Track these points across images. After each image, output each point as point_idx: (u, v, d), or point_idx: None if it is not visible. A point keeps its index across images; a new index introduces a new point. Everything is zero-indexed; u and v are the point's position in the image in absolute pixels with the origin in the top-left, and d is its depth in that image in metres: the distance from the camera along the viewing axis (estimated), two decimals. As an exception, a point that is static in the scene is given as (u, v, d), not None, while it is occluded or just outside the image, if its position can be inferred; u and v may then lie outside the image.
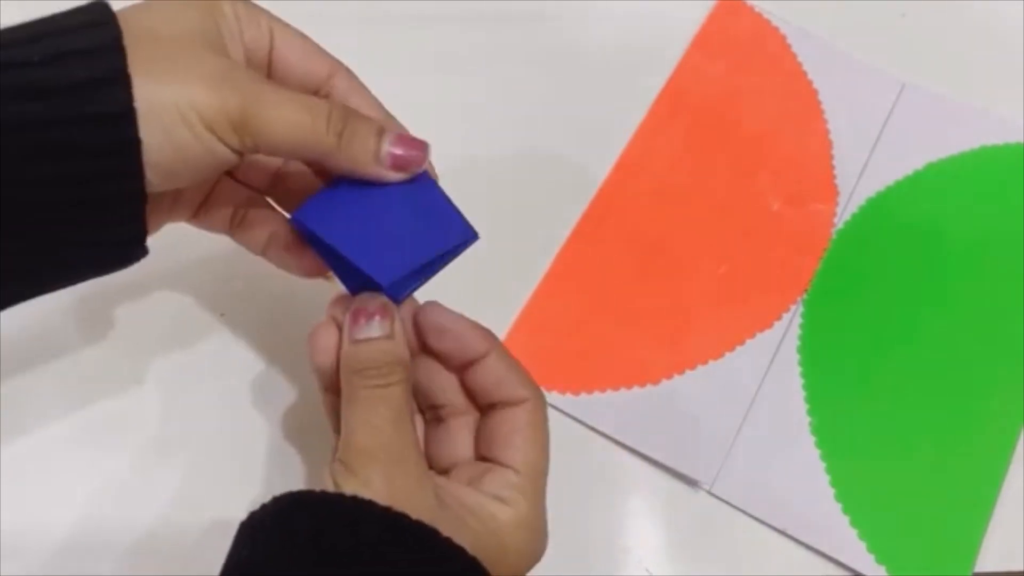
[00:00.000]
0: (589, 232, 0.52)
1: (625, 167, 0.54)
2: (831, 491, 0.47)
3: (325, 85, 0.38)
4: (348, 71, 0.38)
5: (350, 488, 0.33)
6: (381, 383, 0.35)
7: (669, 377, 0.49)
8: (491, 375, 0.37)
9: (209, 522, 0.44)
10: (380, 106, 0.39)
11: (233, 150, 0.33)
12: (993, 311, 0.51)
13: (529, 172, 0.54)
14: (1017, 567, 0.47)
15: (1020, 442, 0.49)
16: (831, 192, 0.54)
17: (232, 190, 0.40)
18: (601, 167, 0.54)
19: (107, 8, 0.33)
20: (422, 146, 0.37)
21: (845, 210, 0.54)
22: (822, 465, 0.48)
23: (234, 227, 0.40)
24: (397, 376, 0.35)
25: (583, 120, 0.55)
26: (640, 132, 0.55)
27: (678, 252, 0.52)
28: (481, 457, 0.37)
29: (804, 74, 0.57)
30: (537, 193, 0.53)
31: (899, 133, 0.56)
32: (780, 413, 0.49)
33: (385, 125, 0.37)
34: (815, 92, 0.57)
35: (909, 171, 0.55)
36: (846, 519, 0.47)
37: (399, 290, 0.37)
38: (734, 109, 0.56)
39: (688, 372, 0.49)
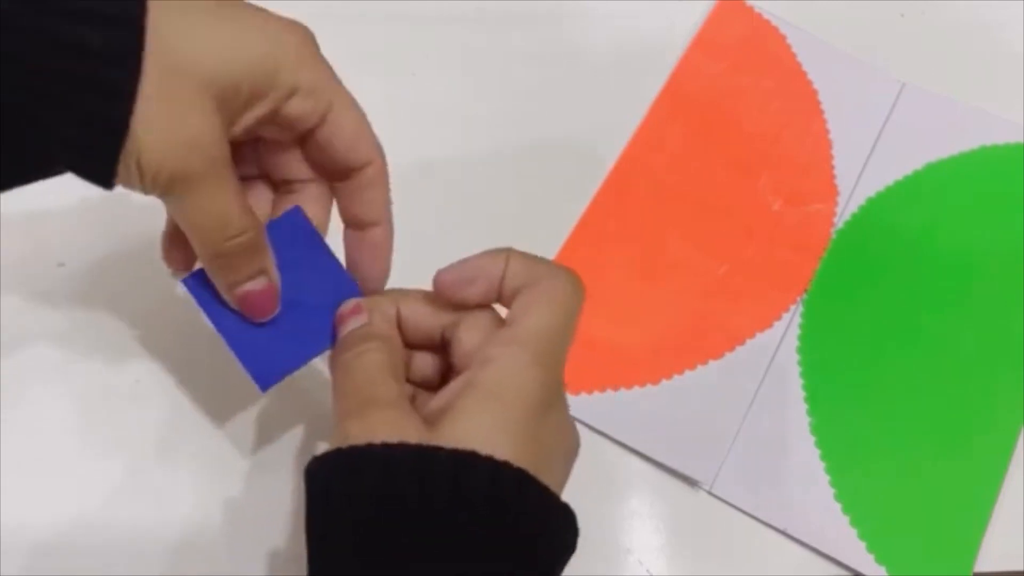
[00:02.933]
0: (589, 232, 0.52)
1: (625, 167, 0.54)
2: (831, 491, 0.47)
3: (357, 172, 0.38)
4: (383, 166, 0.38)
5: (354, 428, 0.33)
6: (351, 352, 0.35)
7: (669, 377, 0.49)
8: (515, 269, 0.36)
9: (207, 521, 0.44)
10: (387, 210, 0.39)
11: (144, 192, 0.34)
12: (993, 311, 0.51)
13: (529, 172, 0.54)
14: (1017, 567, 0.47)
15: (1020, 442, 0.49)
16: (831, 192, 0.54)
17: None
18: (601, 167, 0.54)
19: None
20: (270, 308, 0.37)
21: (845, 210, 0.54)
22: (822, 465, 0.48)
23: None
24: (370, 345, 0.36)
25: (583, 120, 0.55)
26: (640, 132, 0.55)
27: (678, 252, 0.52)
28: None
29: (804, 74, 0.57)
30: (537, 193, 0.53)
31: (899, 133, 0.56)
32: (780, 413, 0.49)
33: (375, 230, 0.38)
34: (815, 92, 0.57)
35: (909, 171, 0.55)
36: (846, 519, 0.47)
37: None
38: (734, 109, 0.56)
39: (688, 372, 0.49)
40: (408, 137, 0.54)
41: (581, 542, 0.38)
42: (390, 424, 0.32)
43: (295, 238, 0.38)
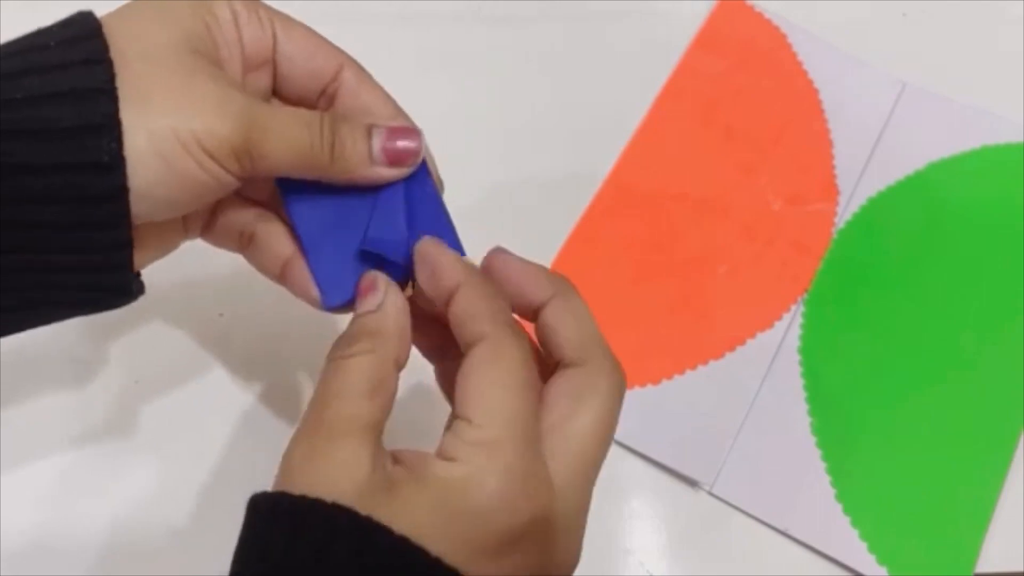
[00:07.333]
0: (589, 232, 0.52)
1: (625, 167, 0.54)
2: (832, 491, 0.47)
3: (333, 82, 0.36)
4: (357, 65, 0.37)
5: (299, 450, 0.31)
6: (338, 355, 0.32)
7: (669, 377, 0.49)
8: (457, 312, 0.32)
9: (204, 522, 0.44)
10: (391, 100, 0.37)
11: (235, 176, 0.33)
12: (994, 311, 0.51)
13: (529, 171, 0.54)
14: (1018, 568, 0.46)
15: (1021, 442, 0.49)
16: (832, 192, 0.54)
17: (238, 206, 0.37)
18: (601, 166, 0.54)
19: (100, 38, 0.31)
20: (415, 134, 0.35)
21: (846, 210, 0.54)
22: (823, 465, 0.48)
23: (244, 246, 0.38)
24: (359, 347, 0.32)
25: (583, 120, 0.55)
26: (640, 132, 0.55)
27: (678, 252, 0.52)
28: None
29: (805, 74, 0.57)
30: (537, 192, 0.53)
31: (900, 133, 0.56)
32: (781, 413, 0.49)
33: (393, 120, 0.36)
34: (816, 92, 0.57)
35: (910, 171, 0.55)
36: (847, 519, 0.47)
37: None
38: (734, 109, 0.56)
39: (688, 372, 0.49)
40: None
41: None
42: (337, 463, 0.30)
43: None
